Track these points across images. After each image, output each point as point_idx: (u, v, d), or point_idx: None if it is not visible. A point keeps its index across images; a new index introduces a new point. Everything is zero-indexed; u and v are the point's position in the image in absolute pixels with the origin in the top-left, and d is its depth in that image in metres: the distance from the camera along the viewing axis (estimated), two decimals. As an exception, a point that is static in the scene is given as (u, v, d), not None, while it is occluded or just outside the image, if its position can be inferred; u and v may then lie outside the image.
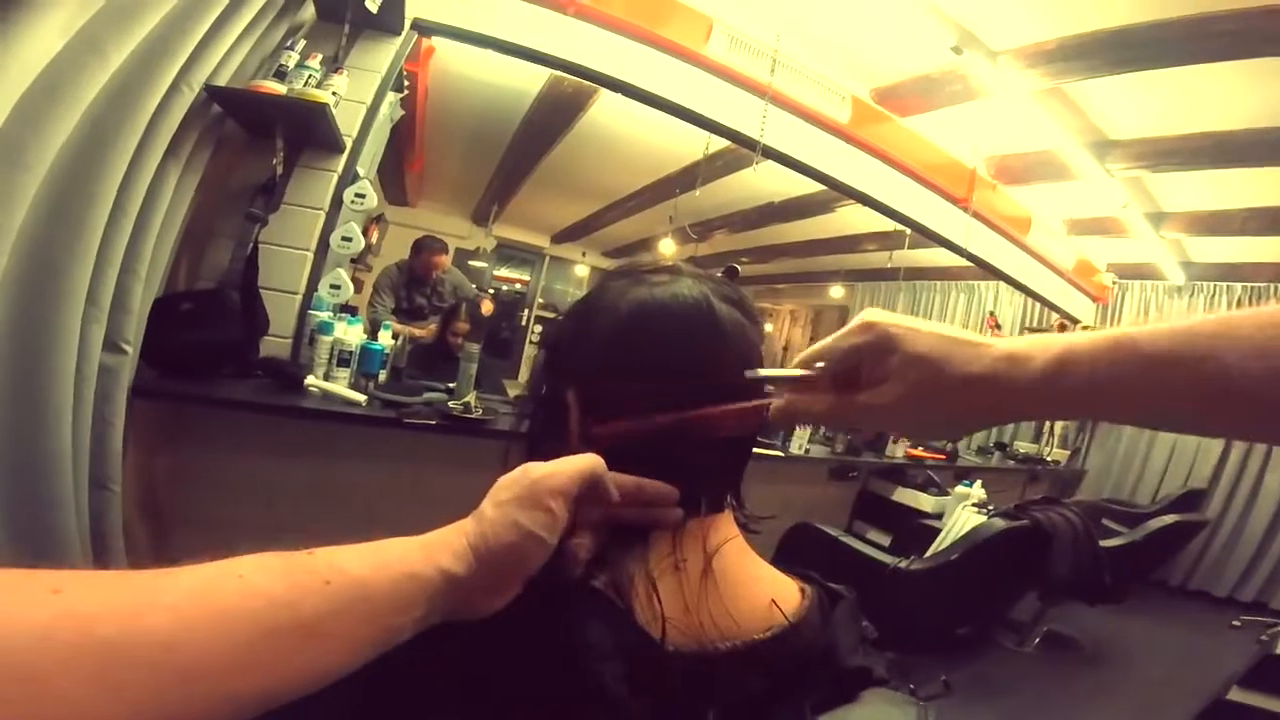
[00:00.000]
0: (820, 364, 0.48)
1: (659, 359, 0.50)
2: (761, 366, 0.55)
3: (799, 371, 0.48)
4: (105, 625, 0.25)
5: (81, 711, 0.23)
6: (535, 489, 0.41)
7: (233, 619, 0.28)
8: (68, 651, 0.23)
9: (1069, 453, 4.73)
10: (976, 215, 3.56)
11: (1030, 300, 4.71)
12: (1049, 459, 4.50)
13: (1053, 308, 4.56)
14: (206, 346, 1.62)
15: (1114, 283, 4.83)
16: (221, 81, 1.49)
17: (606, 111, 3.30)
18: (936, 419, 0.44)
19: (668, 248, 4.64)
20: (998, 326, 4.65)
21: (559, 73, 2.52)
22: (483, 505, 0.41)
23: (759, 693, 0.46)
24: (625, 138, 3.68)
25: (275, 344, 1.88)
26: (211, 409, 1.67)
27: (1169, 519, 2.97)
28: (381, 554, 0.36)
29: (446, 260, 3.28)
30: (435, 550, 0.37)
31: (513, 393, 2.80)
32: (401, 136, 3.68)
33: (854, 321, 0.46)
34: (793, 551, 2.12)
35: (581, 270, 7.51)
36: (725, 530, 0.52)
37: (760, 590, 0.50)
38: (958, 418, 0.43)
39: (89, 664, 0.24)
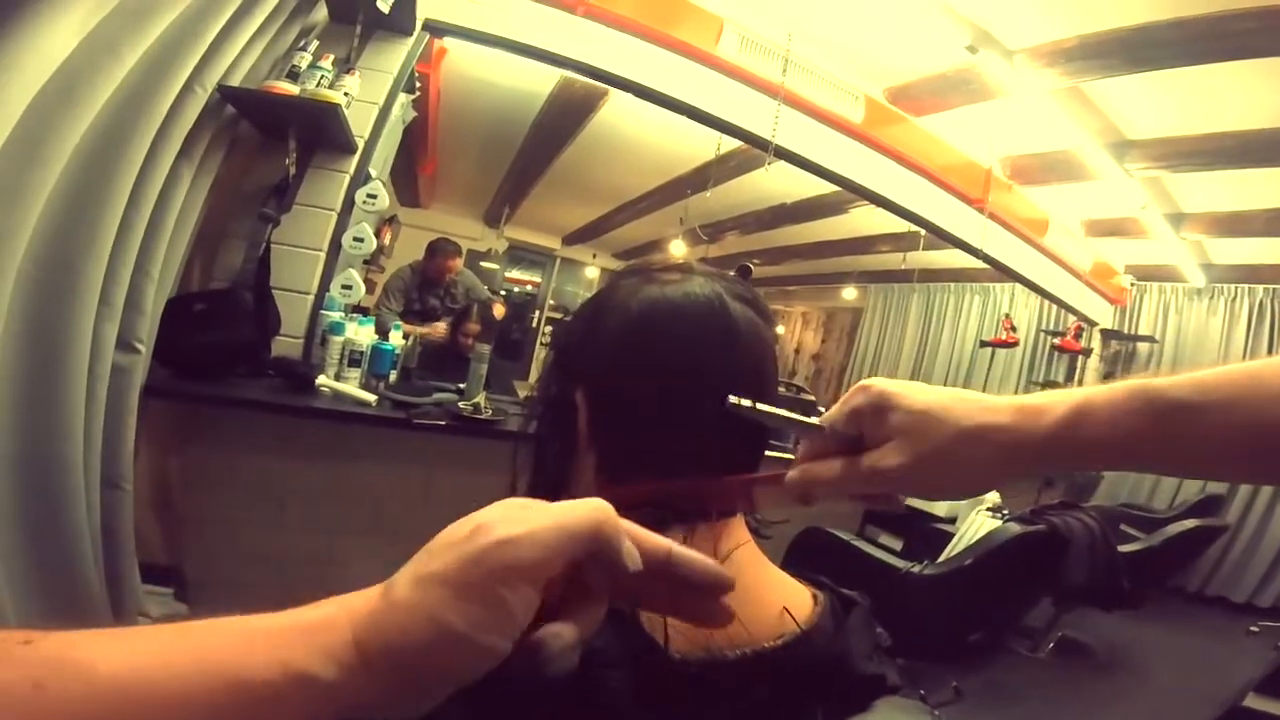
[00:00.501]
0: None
1: (670, 359, 0.49)
2: (775, 368, 0.54)
3: (787, 414, 0.45)
4: None
5: None
6: (482, 566, 0.25)
7: None
8: None
9: (1086, 457, 4.66)
10: (992, 216, 3.52)
11: (1047, 303, 4.65)
12: (1065, 463, 4.44)
13: (1070, 310, 4.50)
14: (219, 346, 1.63)
15: (1132, 285, 4.76)
16: (234, 82, 1.50)
17: (617, 113, 3.30)
18: (946, 476, 0.41)
19: (679, 249, 4.63)
20: (1013, 329, 4.60)
21: (570, 74, 2.52)
22: (399, 573, 0.27)
23: (769, 702, 0.45)
24: (636, 139, 3.68)
25: (287, 344, 1.89)
26: (224, 409, 1.68)
27: (1188, 524, 2.93)
28: (189, 639, 0.24)
29: (460, 264, 3.29)
30: (295, 641, 0.24)
31: (523, 393, 2.80)
32: (414, 138, 3.70)
33: (854, 388, 0.45)
34: (803, 556, 2.10)
35: (592, 272, 7.52)
36: (737, 535, 0.50)
37: (771, 597, 0.49)
38: (968, 473, 0.41)
39: None
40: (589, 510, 0.28)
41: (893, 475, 0.41)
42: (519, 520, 0.27)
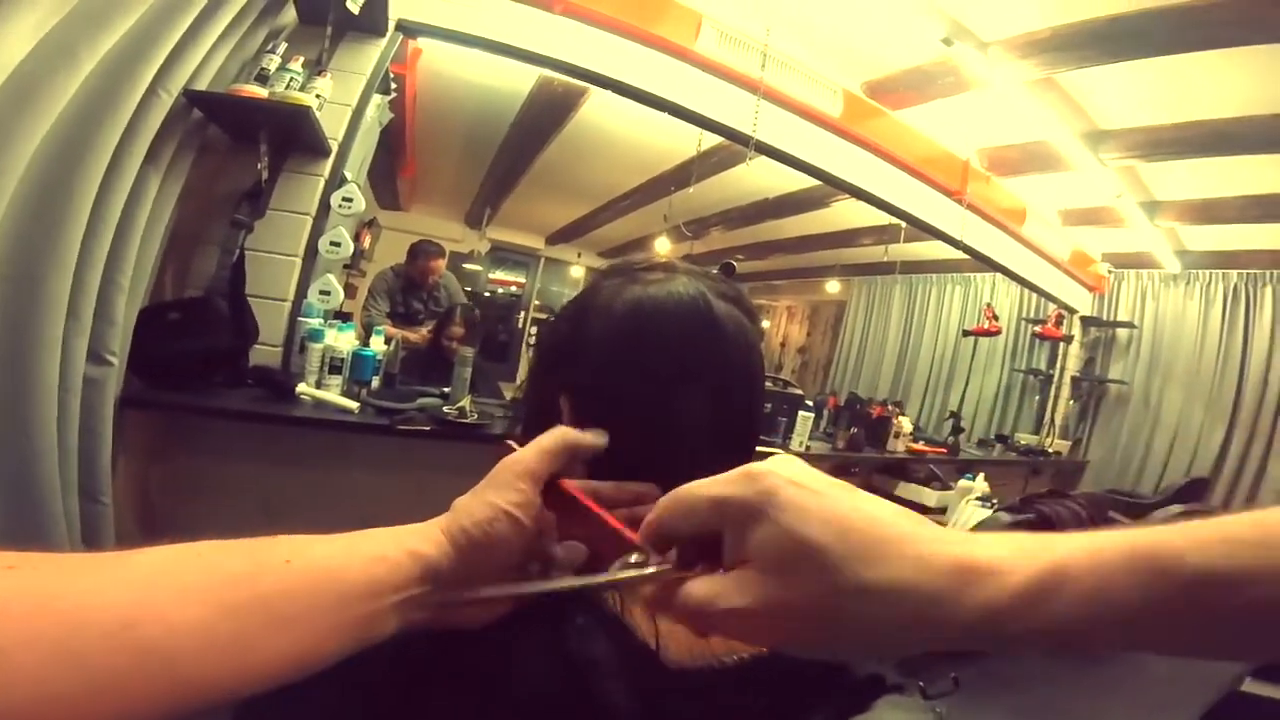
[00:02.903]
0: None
1: (655, 359, 0.47)
2: (762, 365, 0.52)
3: (597, 579, 0.35)
4: (64, 600, 0.24)
5: (41, 687, 0.22)
6: (504, 471, 0.40)
7: (192, 595, 0.27)
8: (26, 624, 0.22)
9: (1070, 444, 4.72)
10: (971, 207, 3.55)
11: (1027, 291, 4.71)
12: (1050, 450, 4.49)
13: (1050, 298, 4.56)
14: (195, 355, 1.60)
15: (1110, 272, 4.83)
16: (201, 86, 1.46)
17: (598, 111, 3.28)
18: (814, 636, 0.29)
19: (663, 246, 4.62)
20: (995, 318, 4.64)
21: (548, 72, 2.50)
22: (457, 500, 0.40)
23: (768, 706, 0.44)
24: (617, 137, 3.66)
25: (265, 352, 1.85)
26: (205, 419, 1.66)
27: (1174, 509, 2.92)
28: (349, 540, 0.35)
29: (443, 265, 3.25)
30: (405, 536, 0.36)
31: (510, 395, 2.78)
32: (392, 140, 3.66)
33: (740, 469, 0.32)
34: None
35: (577, 271, 7.48)
36: None
37: None
38: (853, 637, 0.29)
39: (48, 637, 0.23)
40: (553, 433, 0.42)
41: (723, 620, 0.29)
42: (523, 449, 0.41)
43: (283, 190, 1.86)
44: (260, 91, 1.58)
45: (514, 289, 7.41)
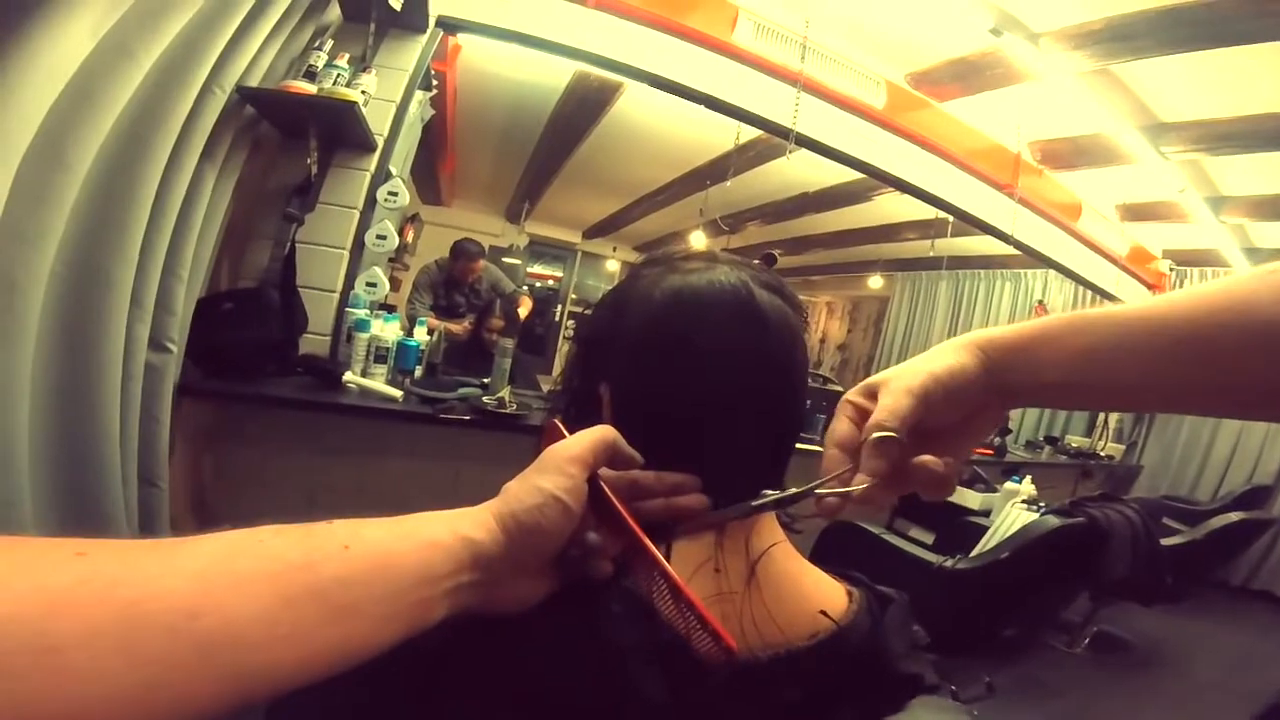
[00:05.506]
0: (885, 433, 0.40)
1: (697, 349, 0.47)
2: (805, 356, 0.51)
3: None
4: (127, 589, 0.23)
5: (98, 683, 0.21)
6: (552, 457, 0.40)
7: (252, 585, 0.27)
8: (86, 617, 0.22)
9: (1124, 447, 4.54)
10: (1023, 201, 3.43)
11: (1081, 288, 4.53)
12: (1102, 454, 4.32)
13: (1105, 295, 4.37)
14: (248, 345, 1.65)
15: (1171, 269, 4.61)
16: (253, 83, 1.51)
17: (633, 105, 3.28)
18: (922, 365, 0.44)
19: (698, 241, 4.60)
20: (1047, 314, 4.50)
21: (584, 67, 2.50)
22: (506, 485, 0.40)
23: (802, 702, 0.43)
24: (653, 131, 3.66)
25: (314, 341, 1.91)
26: (255, 406, 1.70)
27: (1233, 517, 2.82)
28: (402, 525, 0.34)
29: (483, 264, 3.30)
30: (457, 521, 0.36)
31: (547, 387, 2.80)
32: (433, 136, 3.72)
33: (904, 379, 0.42)
34: (832, 550, 2.06)
35: (613, 265, 7.53)
36: (769, 532, 0.49)
37: (804, 594, 0.48)
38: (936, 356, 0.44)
39: (108, 631, 0.22)
40: (601, 428, 0.43)
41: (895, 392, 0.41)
42: (572, 437, 0.42)
43: (331, 185, 1.91)
44: (309, 88, 1.62)
45: (551, 283, 7.49)
